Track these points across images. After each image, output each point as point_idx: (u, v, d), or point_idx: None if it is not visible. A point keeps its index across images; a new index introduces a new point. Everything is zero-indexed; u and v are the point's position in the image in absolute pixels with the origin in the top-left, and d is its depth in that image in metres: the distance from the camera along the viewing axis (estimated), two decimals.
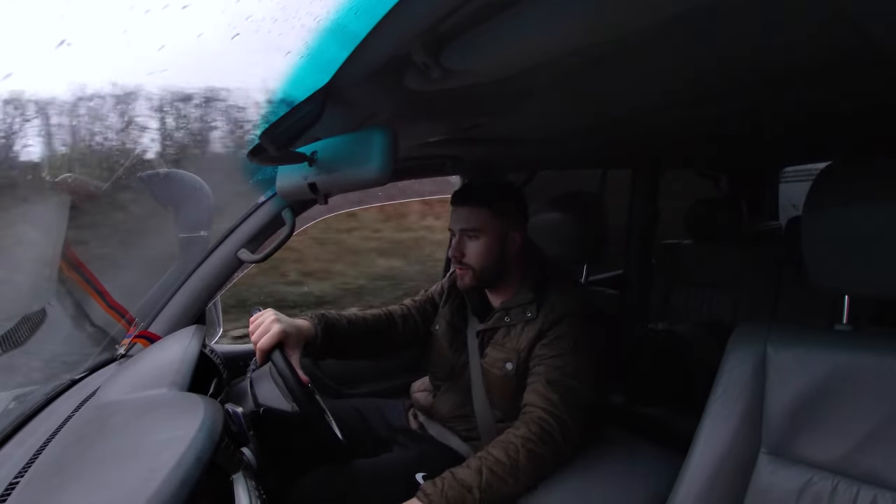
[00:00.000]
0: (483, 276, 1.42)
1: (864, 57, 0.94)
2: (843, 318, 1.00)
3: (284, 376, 1.19)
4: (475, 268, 1.41)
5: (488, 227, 1.39)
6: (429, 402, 1.53)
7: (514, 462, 1.17)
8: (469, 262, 1.41)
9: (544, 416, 1.23)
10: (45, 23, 0.83)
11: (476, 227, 1.39)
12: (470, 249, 1.40)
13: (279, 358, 1.20)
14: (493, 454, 1.18)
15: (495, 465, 1.16)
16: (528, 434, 1.20)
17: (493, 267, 1.41)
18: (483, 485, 1.14)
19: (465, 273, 1.42)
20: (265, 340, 1.22)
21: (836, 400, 0.93)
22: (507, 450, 1.18)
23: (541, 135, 1.68)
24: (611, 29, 0.77)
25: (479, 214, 1.39)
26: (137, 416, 0.91)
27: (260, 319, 1.27)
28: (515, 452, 1.18)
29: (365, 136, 1.00)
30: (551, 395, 1.25)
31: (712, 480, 1.01)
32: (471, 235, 1.40)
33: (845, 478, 0.91)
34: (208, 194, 1.52)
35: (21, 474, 0.77)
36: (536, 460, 1.19)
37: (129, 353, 1.41)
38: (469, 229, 1.40)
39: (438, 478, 1.16)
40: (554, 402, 1.24)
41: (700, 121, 1.52)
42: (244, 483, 0.92)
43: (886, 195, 0.88)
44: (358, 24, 0.77)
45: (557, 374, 1.27)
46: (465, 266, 1.41)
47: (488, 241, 1.39)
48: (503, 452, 1.18)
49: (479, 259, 1.40)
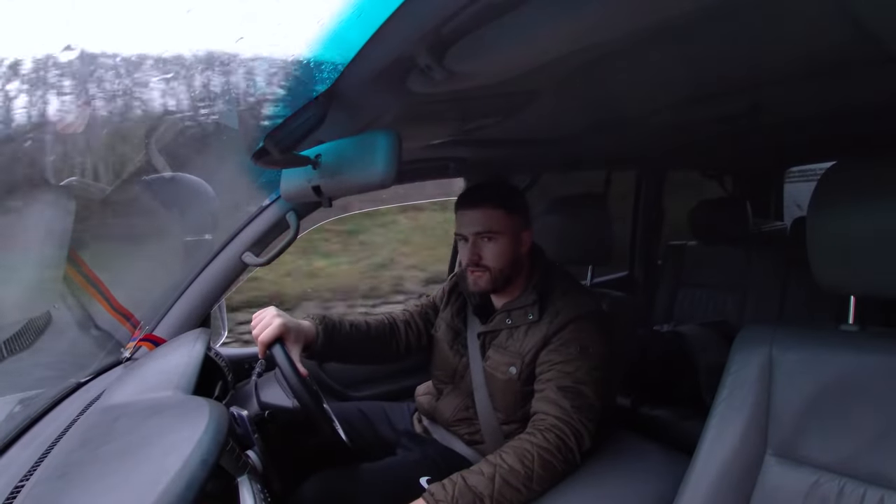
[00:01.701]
0: (500, 277, 1.40)
1: (867, 56, 0.94)
2: (849, 319, 1.00)
3: (283, 368, 1.19)
4: (493, 269, 1.39)
5: (504, 228, 1.37)
6: (432, 405, 1.52)
7: (529, 471, 1.15)
8: (487, 263, 1.38)
9: (558, 423, 1.21)
10: None
11: (493, 228, 1.37)
12: (487, 251, 1.38)
13: (279, 350, 1.21)
14: (508, 462, 1.16)
15: (510, 474, 1.14)
16: (544, 443, 1.19)
17: (509, 267, 1.40)
18: (496, 494, 1.12)
19: (481, 275, 1.40)
20: (266, 333, 1.22)
21: (842, 401, 0.92)
22: (522, 458, 1.16)
23: (544, 136, 1.68)
24: (613, 30, 0.77)
25: (493, 216, 1.37)
26: (143, 419, 0.91)
27: (262, 314, 1.27)
28: (531, 461, 1.16)
29: (369, 138, 1.00)
30: (563, 403, 1.23)
31: (719, 482, 1.00)
32: (488, 238, 1.38)
33: (852, 479, 0.91)
34: (213, 197, 1.53)
35: (27, 477, 0.77)
36: (550, 470, 1.18)
37: (134, 356, 1.41)
38: (485, 231, 1.37)
39: (448, 480, 1.15)
40: (566, 409, 1.23)
41: (704, 121, 1.52)
42: (249, 486, 0.92)
43: (891, 194, 0.88)
44: (361, 27, 0.77)
45: (569, 381, 1.26)
46: (483, 268, 1.39)
47: (505, 242, 1.38)
48: (518, 461, 1.16)
49: (497, 260, 1.38)
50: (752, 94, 1.25)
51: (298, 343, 1.29)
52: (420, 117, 1.17)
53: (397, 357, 1.57)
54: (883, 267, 0.89)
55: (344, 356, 1.46)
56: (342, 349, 1.41)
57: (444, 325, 1.55)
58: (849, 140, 2.06)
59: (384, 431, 1.57)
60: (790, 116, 1.55)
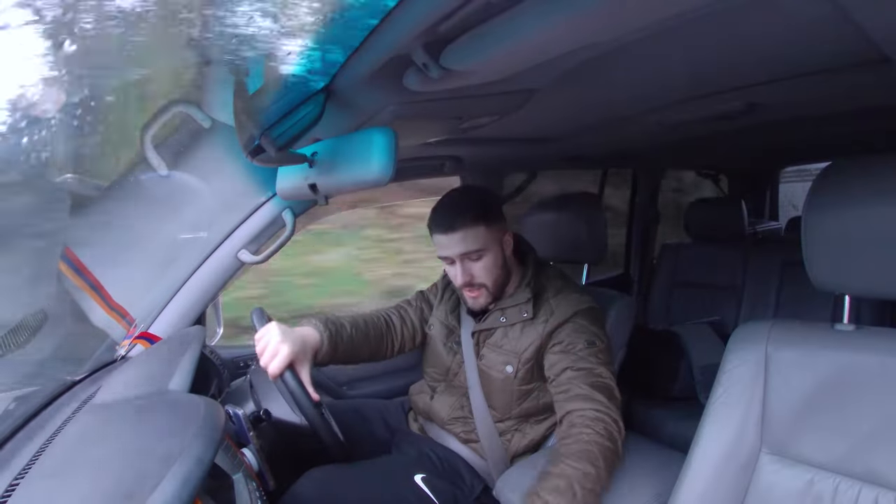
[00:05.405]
0: (497, 288, 1.39)
1: (862, 56, 0.94)
2: (843, 318, 1.00)
3: (297, 397, 1.18)
4: (488, 285, 1.37)
5: (488, 242, 1.34)
6: (427, 404, 1.52)
7: (599, 469, 1.11)
8: (481, 281, 1.37)
9: (600, 416, 1.18)
10: None
11: (478, 247, 1.34)
12: (478, 270, 1.36)
13: (291, 380, 1.18)
14: (579, 467, 1.10)
15: (585, 479, 1.08)
16: (597, 436, 1.14)
17: (502, 275, 1.39)
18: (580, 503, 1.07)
19: (479, 293, 1.38)
20: (275, 365, 1.17)
21: (837, 399, 0.93)
22: (590, 459, 1.11)
23: (541, 135, 1.68)
24: (610, 29, 0.77)
25: (474, 234, 1.33)
26: (138, 417, 0.91)
27: (266, 339, 1.21)
28: (597, 459, 1.11)
29: (365, 136, 1.00)
30: (596, 396, 1.20)
31: (714, 480, 1.01)
32: (474, 257, 1.35)
33: (847, 477, 0.91)
34: (208, 195, 1.52)
35: (21, 475, 0.77)
36: (612, 460, 1.14)
37: (130, 354, 1.41)
38: (471, 252, 1.34)
39: None
40: (602, 401, 1.20)
41: (699, 120, 1.52)
42: (244, 484, 0.92)
43: (886, 194, 0.88)
44: (358, 24, 0.77)
45: (591, 377, 1.24)
46: (478, 286, 1.37)
47: (492, 256, 1.36)
48: (588, 463, 1.10)
49: (489, 275, 1.37)
50: (749, 93, 1.25)
51: (307, 362, 1.25)
52: (417, 115, 1.17)
53: (392, 355, 1.54)
54: (878, 266, 0.90)
55: (345, 359, 1.41)
56: (344, 353, 1.37)
57: (438, 323, 1.54)
58: (844, 140, 2.06)
59: (379, 430, 1.57)
60: (786, 116, 1.55)
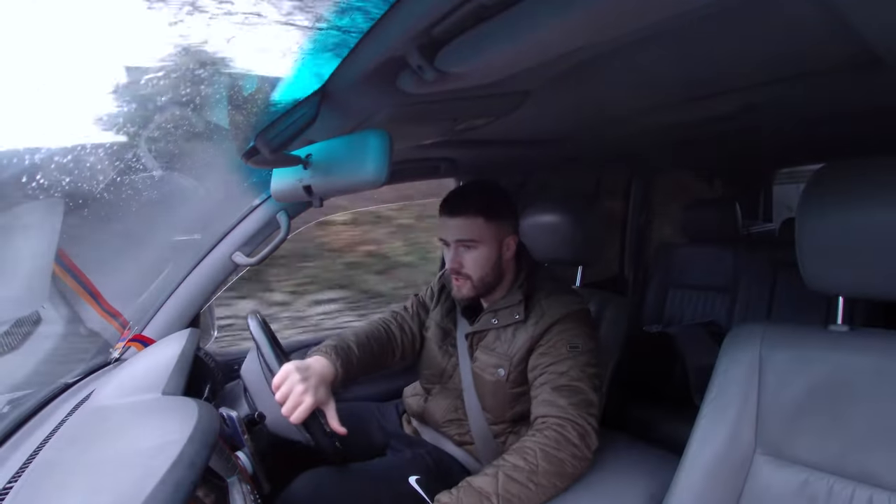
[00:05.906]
0: (481, 284, 1.39)
1: (856, 58, 0.95)
2: (837, 319, 1.00)
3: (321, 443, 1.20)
4: (473, 277, 1.37)
5: (484, 237, 1.34)
6: (421, 406, 1.51)
7: (533, 466, 1.13)
8: (467, 271, 1.37)
9: (558, 420, 1.20)
10: None
11: (472, 237, 1.34)
12: (467, 260, 1.36)
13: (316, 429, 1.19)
14: (510, 460, 1.15)
15: (512, 469, 1.13)
16: (544, 439, 1.17)
17: (491, 274, 1.38)
18: (500, 490, 1.10)
19: (463, 283, 1.38)
20: (298, 415, 1.15)
21: (831, 400, 0.93)
22: (523, 455, 1.15)
23: (536, 137, 1.68)
24: (605, 31, 0.77)
25: (473, 224, 1.34)
26: (132, 420, 0.91)
27: (287, 387, 1.17)
28: (533, 457, 1.14)
29: (360, 138, 1.00)
30: (560, 401, 1.22)
31: (709, 481, 1.01)
32: (468, 246, 1.35)
33: (841, 478, 0.91)
34: (202, 197, 1.52)
35: (15, 478, 0.77)
36: (555, 463, 1.15)
37: (124, 356, 1.40)
38: (465, 240, 1.35)
39: (455, 487, 1.13)
40: (563, 406, 1.21)
41: (694, 122, 1.52)
42: (239, 487, 0.92)
43: (880, 196, 0.89)
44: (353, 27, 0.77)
45: (563, 381, 1.25)
46: (464, 276, 1.38)
47: (485, 250, 1.35)
48: (520, 458, 1.14)
49: (477, 269, 1.36)
50: (744, 95, 1.26)
51: (330, 401, 1.22)
52: (411, 117, 1.17)
53: (393, 363, 1.53)
54: (871, 268, 0.90)
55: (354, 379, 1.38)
56: (355, 374, 1.35)
57: (434, 325, 1.54)
58: (838, 142, 2.07)
59: (374, 433, 1.57)
60: (781, 118, 1.55)
